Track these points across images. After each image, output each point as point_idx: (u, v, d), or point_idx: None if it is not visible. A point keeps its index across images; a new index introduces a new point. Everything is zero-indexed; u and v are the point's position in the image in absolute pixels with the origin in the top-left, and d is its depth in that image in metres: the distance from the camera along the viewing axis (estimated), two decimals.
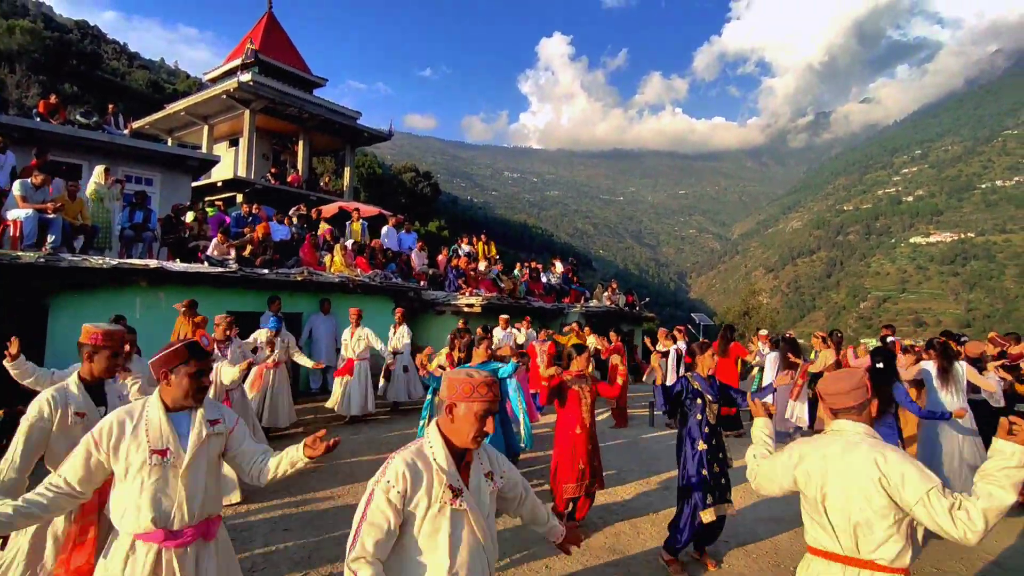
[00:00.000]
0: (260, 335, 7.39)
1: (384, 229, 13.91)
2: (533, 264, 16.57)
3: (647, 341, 11.89)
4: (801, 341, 11.41)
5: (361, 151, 31.40)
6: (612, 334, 11.15)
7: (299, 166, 23.08)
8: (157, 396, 2.38)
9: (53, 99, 12.80)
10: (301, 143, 23.49)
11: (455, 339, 7.26)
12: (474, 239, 16.36)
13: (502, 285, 13.70)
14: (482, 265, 14.52)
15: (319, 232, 12.22)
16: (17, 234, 7.92)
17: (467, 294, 12.76)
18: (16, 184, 8.10)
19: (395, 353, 9.37)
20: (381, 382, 9.43)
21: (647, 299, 21.39)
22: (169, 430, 2.32)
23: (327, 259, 11.40)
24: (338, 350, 9.60)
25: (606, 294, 16.87)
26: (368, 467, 6.66)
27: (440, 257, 14.76)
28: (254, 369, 7.22)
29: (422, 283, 12.87)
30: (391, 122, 28.38)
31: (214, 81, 23.98)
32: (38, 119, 12.34)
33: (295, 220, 12.56)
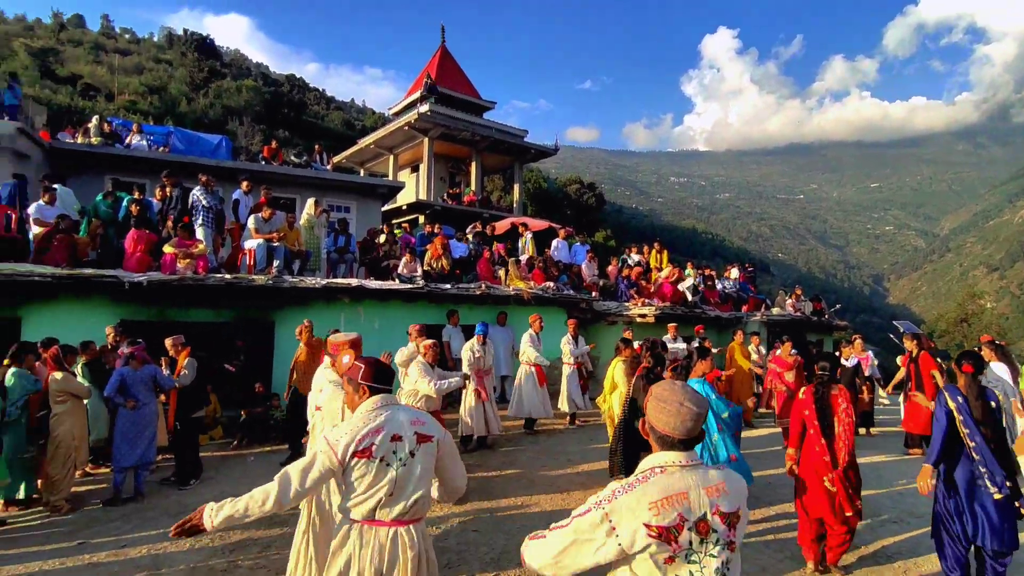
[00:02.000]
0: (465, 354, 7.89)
1: (555, 242, 14.19)
2: (707, 271, 15.81)
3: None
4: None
5: (527, 167, 32.51)
6: (787, 344, 9.86)
7: (472, 186, 24.46)
8: None
9: (274, 144, 15.05)
10: (473, 164, 24.90)
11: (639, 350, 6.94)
12: (644, 248, 16.05)
13: (691, 297, 13.28)
14: (663, 273, 14.13)
15: (494, 247, 12.81)
16: (251, 261, 9.37)
17: (639, 304, 12.55)
18: (250, 219, 9.60)
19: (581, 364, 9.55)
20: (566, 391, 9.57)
21: (838, 305, 19.38)
22: None
23: (502, 273, 11.90)
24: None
25: (789, 301, 15.56)
26: (550, 479, 6.79)
27: (610, 268, 14.69)
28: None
29: (594, 294, 12.90)
30: (556, 137, 29.09)
31: (397, 115, 26.40)
32: (263, 162, 14.55)
33: (471, 237, 13.30)
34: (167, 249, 8.57)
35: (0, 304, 7.59)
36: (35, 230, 8.52)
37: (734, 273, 16.46)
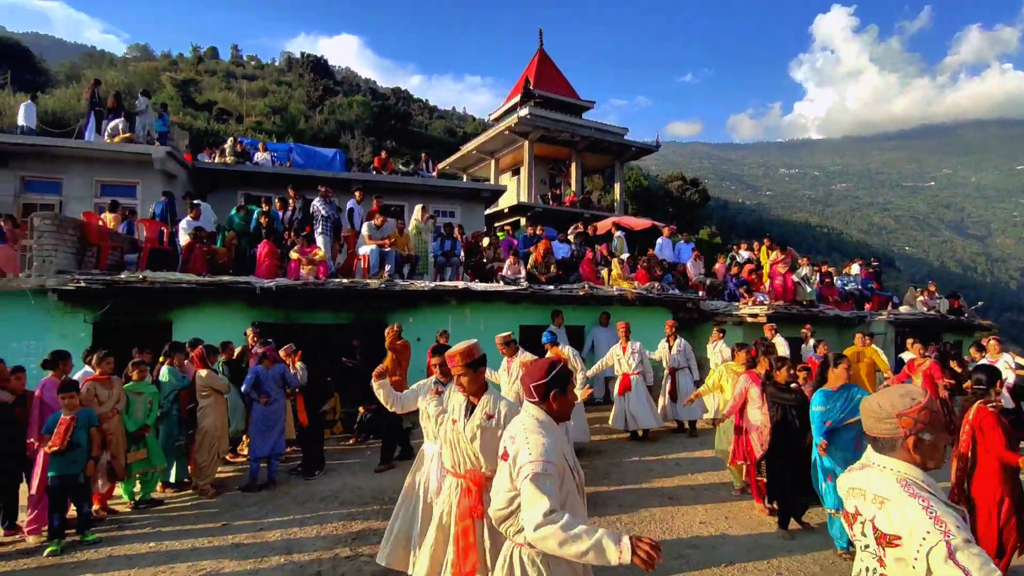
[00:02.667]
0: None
1: (659, 240, 13.89)
2: (824, 267, 14.78)
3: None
4: None
5: (628, 165, 31.99)
6: (915, 346, 8.64)
7: (573, 186, 24.43)
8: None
9: (384, 155, 15.83)
10: (573, 165, 24.87)
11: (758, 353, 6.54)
12: (755, 244, 15.30)
13: (808, 288, 12.51)
14: (771, 256, 13.38)
15: (597, 248, 12.73)
16: (366, 266, 9.91)
17: (749, 303, 11.96)
18: (364, 226, 10.18)
19: (676, 369, 9.13)
20: (663, 400, 9.22)
21: (980, 302, 17.45)
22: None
23: (605, 273, 11.80)
24: None
25: (921, 298, 14.19)
26: (659, 488, 6.64)
27: (717, 266, 14.13)
28: None
29: (700, 293, 12.48)
30: (658, 134, 28.35)
31: (497, 120, 26.91)
32: (374, 172, 15.36)
33: (573, 238, 13.29)
34: (292, 256, 9.27)
35: (156, 308, 8.55)
36: (183, 242, 9.51)
37: (855, 269, 15.29)
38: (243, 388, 6.75)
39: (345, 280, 9.34)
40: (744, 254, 14.87)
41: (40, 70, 39.36)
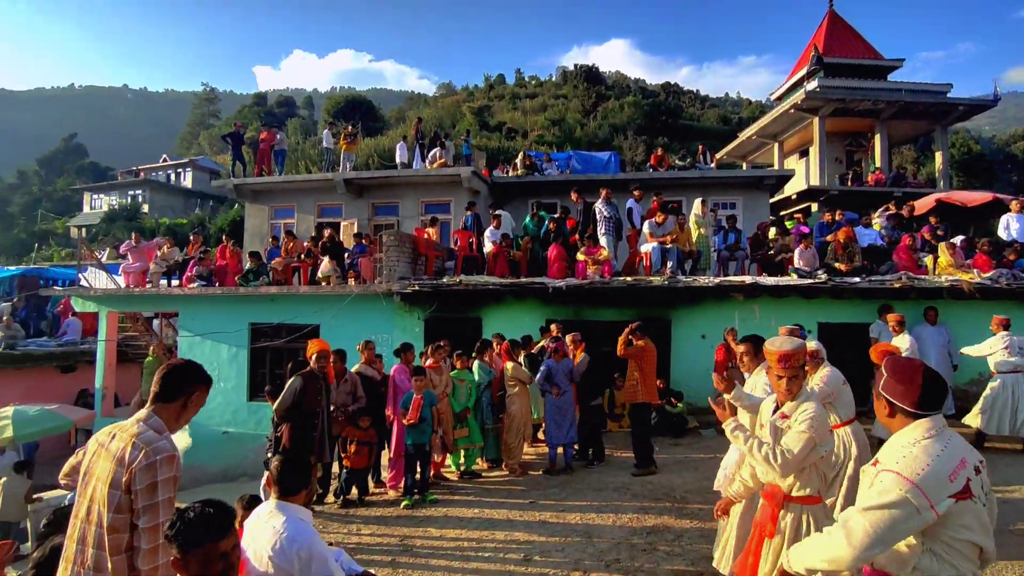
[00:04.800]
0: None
1: (1004, 217, 11.16)
2: None
3: None
4: None
5: (950, 130, 26.40)
6: None
7: (877, 162, 21.15)
8: None
9: (659, 152, 15.79)
10: (877, 137, 21.51)
11: None
12: None
13: None
14: None
15: (918, 232, 10.83)
16: (648, 263, 10.05)
17: None
18: (645, 224, 10.34)
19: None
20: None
21: None
22: None
23: (927, 260, 9.98)
24: (955, 366, 8.56)
25: None
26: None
27: None
28: None
29: None
30: (995, 84, 22.84)
31: (779, 99, 24.65)
32: (651, 170, 15.45)
33: (883, 221, 11.53)
34: (579, 257, 9.89)
35: (470, 307, 9.97)
36: (487, 248, 10.88)
37: None
38: (536, 380, 7.35)
39: (629, 279, 9.62)
40: None
41: (378, 117, 49.01)
